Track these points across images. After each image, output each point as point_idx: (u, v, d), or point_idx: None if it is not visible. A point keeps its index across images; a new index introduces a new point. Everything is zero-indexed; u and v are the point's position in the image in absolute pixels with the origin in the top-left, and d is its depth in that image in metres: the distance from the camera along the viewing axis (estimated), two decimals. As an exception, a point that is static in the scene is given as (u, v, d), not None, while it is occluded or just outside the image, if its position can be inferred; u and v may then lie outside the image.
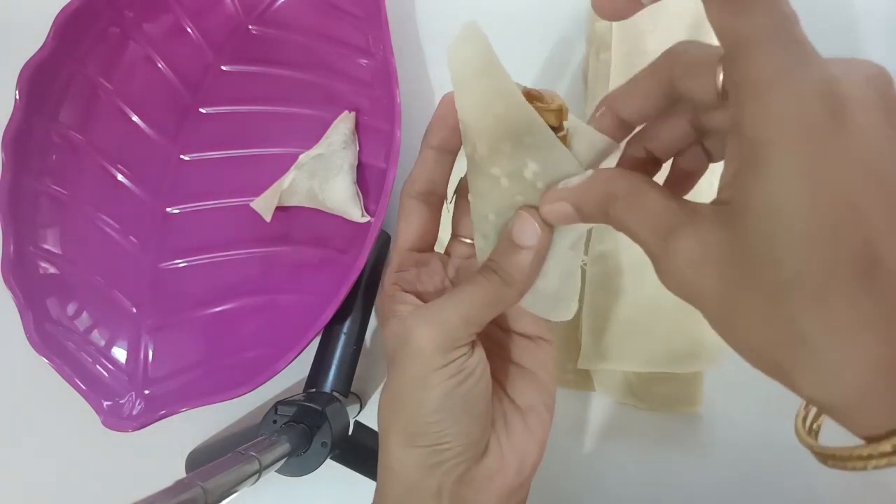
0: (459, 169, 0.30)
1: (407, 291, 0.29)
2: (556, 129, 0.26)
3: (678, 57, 0.23)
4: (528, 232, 0.26)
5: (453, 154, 0.30)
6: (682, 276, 0.21)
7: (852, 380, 0.18)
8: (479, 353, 0.27)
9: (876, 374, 0.18)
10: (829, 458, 0.22)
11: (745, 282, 0.19)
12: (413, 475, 0.26)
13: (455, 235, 0.32)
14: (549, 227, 0.26)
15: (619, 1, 0.21)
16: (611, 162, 0.27)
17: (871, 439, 0.19)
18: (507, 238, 0.26)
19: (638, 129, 0.27)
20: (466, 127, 0.27)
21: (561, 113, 0.26)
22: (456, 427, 0.26)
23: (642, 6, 0.21)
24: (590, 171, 0.25)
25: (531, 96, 0.26)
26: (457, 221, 0.32)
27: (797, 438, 0.24)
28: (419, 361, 0.26)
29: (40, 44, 0.47)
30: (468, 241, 0.31)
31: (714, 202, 0.20)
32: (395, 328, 0.27)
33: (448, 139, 0.29)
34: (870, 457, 0.19)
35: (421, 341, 0.26)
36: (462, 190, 0.31)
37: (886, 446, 0.18)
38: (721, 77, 0.21)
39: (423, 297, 0.29)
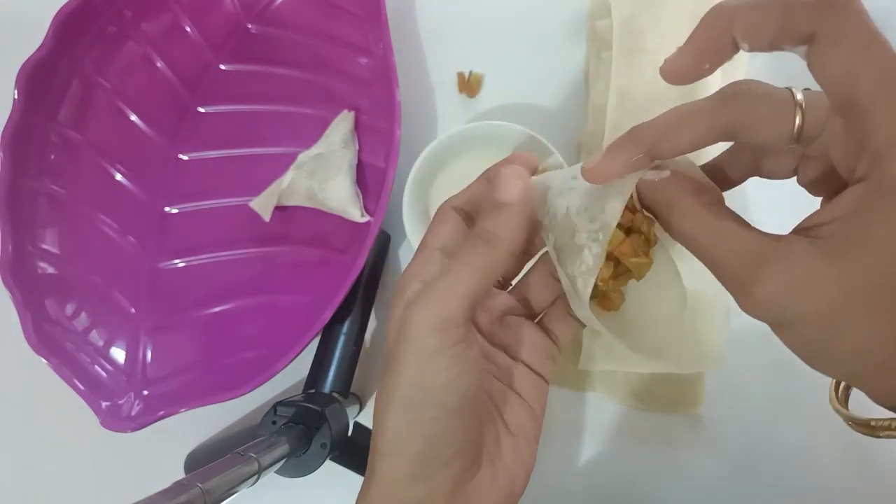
0: None
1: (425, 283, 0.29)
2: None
3: (751, 102, 0.23)
4: (510, 186, 0.26)
5: None
6: (777, 301, 0.22)
7: None
8: (477, 349, 0.27)
9: None
10: (861, 426, 0.25)
11: (858, 305, 0.21)
12: (403, 485, 0.26)
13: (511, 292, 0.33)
14: (528, 178, 0.26)
15: (686, 66, 0.23)
16: None
17: None
18: (490, 199, 0.26)
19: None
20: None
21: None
22: (450, 424, 0.25)
23: (707, 72, 0.23)
24: (667, 172, 0.26)
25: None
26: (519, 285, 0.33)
27: (830, 406, 0.27)
28: (418, 346, 0.25)
29: (39, 43, 0.47)
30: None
31: (809, 235, 0.22)
32: (395, 315, 0.27)
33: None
34: None
35: (420, 324, 0.25)
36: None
37: None
38: (798, 121, 0.23)
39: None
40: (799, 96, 0.23)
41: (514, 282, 0.34)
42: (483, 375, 0.30)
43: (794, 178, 0.27)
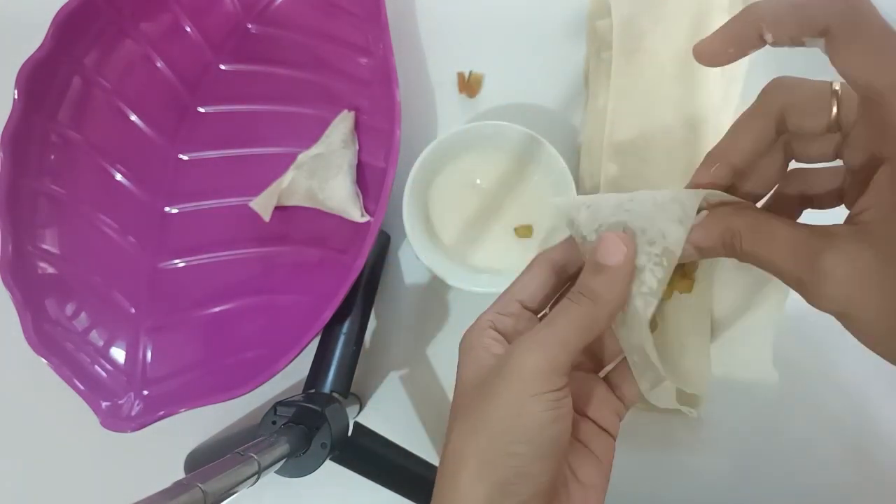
0: None
1: (499, 332, 0.30)
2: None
3: (790, 94, 0.26)
4: (613, 251, 0.27)
5: None
6: (842, 294, 0.23)
7: None
8: (570, 398, 0.27)
9: None
10: None
11: None
12: None
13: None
14: (633, 244, 0.27)
15: (716, 49, 0.25)
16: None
17: None
18: (592, 261, 0.27)
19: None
20: None
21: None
22: (534, 466, 0.26)
23: (733, 57, 0.25)
24: (704, 212, 0.27)
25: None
26: None
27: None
28: (519, 385, 0.26)
29: (39, 43, 0.47)
30: None
31: (852, 223, 0.23)
32: (483, 355, 0.28)
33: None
34: None
35: (525, 363, 0.26)
36: None
37: None
38: (835, 110, 0.25)
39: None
40: (836, 86, 0.25)
41: None
42: None
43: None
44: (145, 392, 0.48)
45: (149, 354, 0.50)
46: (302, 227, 0.50)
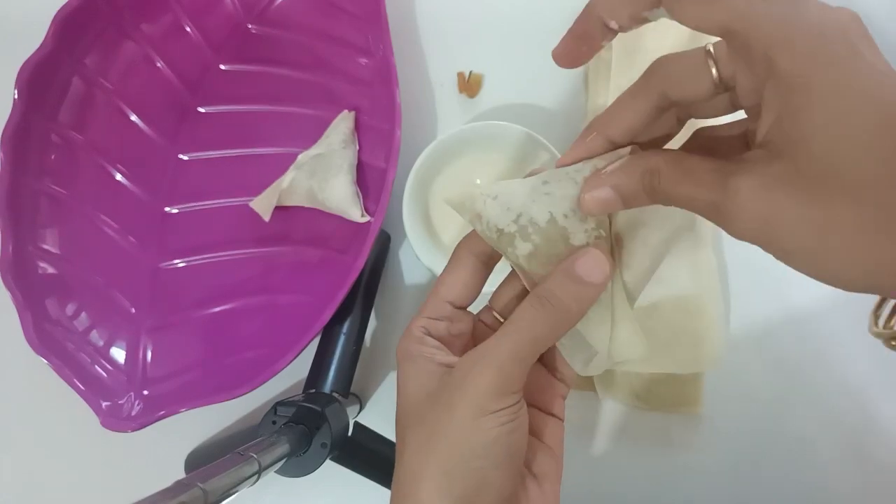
0: None
1: (433, 338, 0.30)
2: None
3: (667, 70, 0.26)
4: (597, 268, 0.26)
5: None
6: (753, 211, 0.22)
7: None
8: (524, 406, 0.27)
9: None
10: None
11: (815, 195, 0.21)
12: None
13: (488, 306, 0.33)
14: (613, 263, 0.27)
15: (569, 51, 0.27)
16: None
17: None
18: (569, 271, 0.26)
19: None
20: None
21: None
22: (496, 476, 0.26)
23: (587, 55, 0.26)
24: (625, 157, 0.26)
25: None
26: (496, 296, 0.33)
27: (869, 331, 0.27)
28: (474, 404, 0.26)
29: (39, 43, 0.47)
30: (498, 316, 0.32)
31: (758, 146, 0.23)
32: (426, 366, 0.28)
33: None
34: None
35: (479, 383, 0.26)
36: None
37: None
38: (715, 71, 0.25)
39: (449, 348, 0.30)
40: (709, 47, 0.25)
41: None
42: None
43: None
44: (145, 392, 0.48)
45: (149, 354, 0.50)
46: (302, 228, 0.50)
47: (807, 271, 0.22)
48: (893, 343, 0.26)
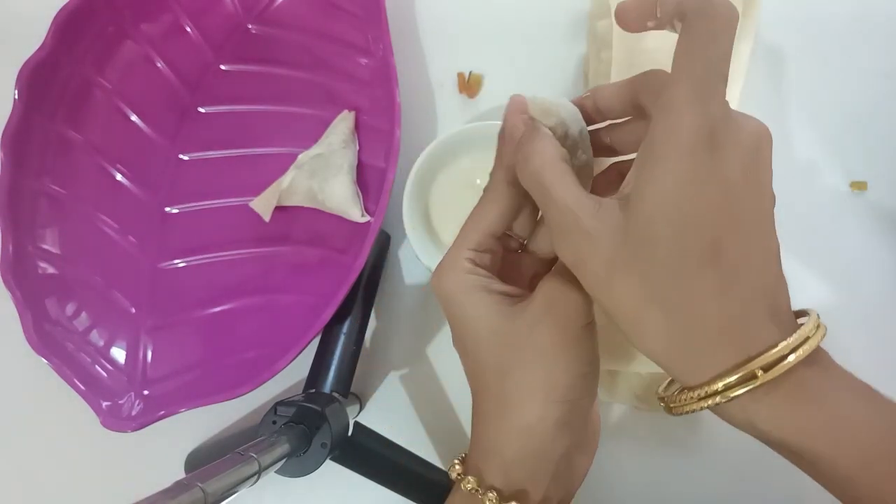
0: None
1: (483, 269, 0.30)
2: None
3: (645, 79, 0.30)
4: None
5: None
6: (577, 245, 0.26)
7: (701, 335, 0.24)
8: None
9: (718, 330, 0.24)
10: (671, 406, 0.27)
11: (627, 252, 0.25)
12: (550, 434, 0.28)
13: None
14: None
15: (634, 16, 0.29)
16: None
17: (704, 384, 0.25)
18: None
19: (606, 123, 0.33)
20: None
21: None
22: (587, 403, 0.29)
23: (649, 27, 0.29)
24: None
25: None
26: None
27: (659, 405, 0.29)
28: (565, 332, 0.28)
29: (39, 43, 0.47)
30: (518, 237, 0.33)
31: (617, 196, 0.26)
32: (487, 298, 0.29)
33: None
34: (706, 395, 0.25)
35: (567, 311, 0.28)
36: None
37: (718, 385, 0.25)
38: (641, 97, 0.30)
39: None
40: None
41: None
42: None
43: None
44: (146, 392, 0.48)
45: (149, 354, 0.50)
46: (302, 228, 0.50)
47: (595, 297, 0.27)
48: (664, 406, 0.29)
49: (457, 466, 0.29)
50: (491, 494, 0.27)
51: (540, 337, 0.28)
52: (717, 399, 0.25)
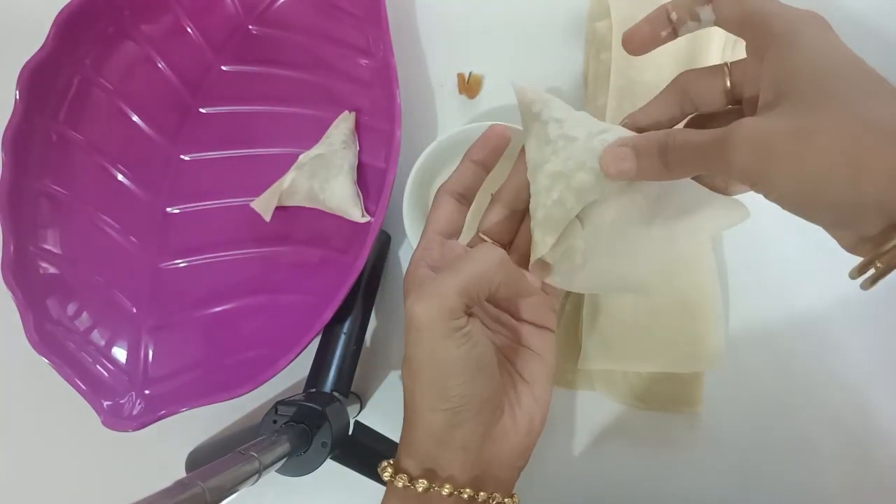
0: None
1: (429, 266, 0.34)
2: None
3: (689, 77, 0.32)
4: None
5: (487, 170, 0.37)
6: (753, 137, 0.25)
7: None
8: (476, 323, 0.31)
9: None
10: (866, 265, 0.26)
11: (803, 112, 0.25)
12: (441, 432, 0.31)
13: (477, 233, 0.37)
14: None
15: (644, 36, 0.32)
16: None
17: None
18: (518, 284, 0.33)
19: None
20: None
21: None
22: (472, 388, 0.30)
23: (659, 43, 0.32)
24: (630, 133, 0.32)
25: None
26: (482, 220, 0.37)
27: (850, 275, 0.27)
28: (425, 335, 0.29)
29: (40, 44, 0.47)
30: (486, 238, 0.36)
31: (762, 103, 0.27)
32: (406, 298, 0.32)
33: (487, 159, 0.36)
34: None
35: (420, 317, 0.29)
36: (494, 196, 0.37)
37: None
38: (728, 80, 0.31)
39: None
40: (727, 64, 0.31)
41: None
42: (494, 336, 0.35)
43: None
44: (147, 391, 0.48)
45: (150, 354, 0.50)
46: (303, 228, 0.50)
47: (791, 187, 0.25)
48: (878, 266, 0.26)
49: (388, 468, 0.32)
50: (404, 476, 0.31)
51: (418, 342, 0.30)
52: None
